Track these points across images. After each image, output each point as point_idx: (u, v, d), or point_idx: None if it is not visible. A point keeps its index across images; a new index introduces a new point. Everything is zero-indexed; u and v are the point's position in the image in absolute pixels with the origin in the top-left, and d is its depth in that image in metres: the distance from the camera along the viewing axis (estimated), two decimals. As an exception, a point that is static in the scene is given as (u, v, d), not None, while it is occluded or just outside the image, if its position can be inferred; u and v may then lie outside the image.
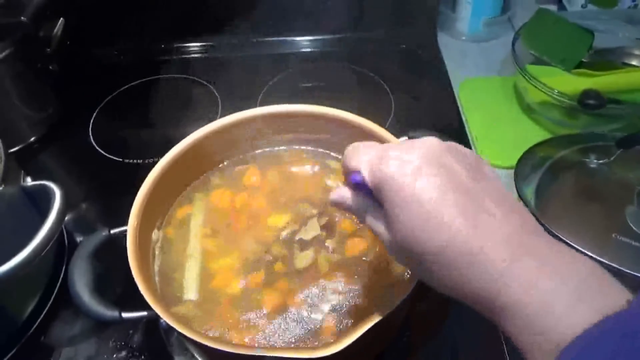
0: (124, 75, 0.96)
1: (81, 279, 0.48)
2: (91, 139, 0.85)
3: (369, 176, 0.35)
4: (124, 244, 0.49)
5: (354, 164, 0.37)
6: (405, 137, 0.60)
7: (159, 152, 0.58)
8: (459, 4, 0.98)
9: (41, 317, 0.61)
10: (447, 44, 1.00)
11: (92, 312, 0.48)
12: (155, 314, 0.44)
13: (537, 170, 0.64)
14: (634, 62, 0.82)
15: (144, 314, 0.47)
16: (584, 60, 0.80)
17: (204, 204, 0.60)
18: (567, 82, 0.77)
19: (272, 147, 0.65)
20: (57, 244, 0.67)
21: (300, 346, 0.47)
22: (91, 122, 0.88)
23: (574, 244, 0.53)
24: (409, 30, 0.99)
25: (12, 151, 0.81)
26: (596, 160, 0.63)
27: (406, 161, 0.33)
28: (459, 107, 0.87)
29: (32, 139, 0.85)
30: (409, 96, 0.88)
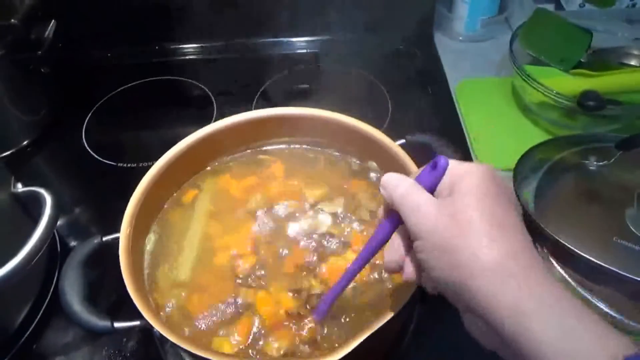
0: (118, 77, 0.95)
1: (72, 289, 0.48)
2: (84, 142, 0.84)
3: None
4: (117, 251, 0.48)
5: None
6: (402, 140, 0.59)
7: (153, 155, 0.58)
8: (455, 3, 0.97)
9: (33, 325, 0.60)
10: (444, 45, 1.00)
11: (83, 323, 0.47)
12: (148, 323, 0.43)
13: (536, 172, 0.63)
14: (633, 62, 0.81)
15: (137, 323, 0.46)
16: (582, 60, 0.80)
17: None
18: (566, 83, 0.76)
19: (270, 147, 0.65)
20: (50, 250, 0.66)
21: (297, 355, 0.46)
22: (84, 126, 0.87)
23: (574, 248, 0.53)
24: (406, 31, 0.98)
25: (3, 156, 0.80)
26: (596, 162, 0.62)
27: None
28: (456, 108, 0.86)
29: (24, 143, 0.83)
30: (406, 97, 0.87)
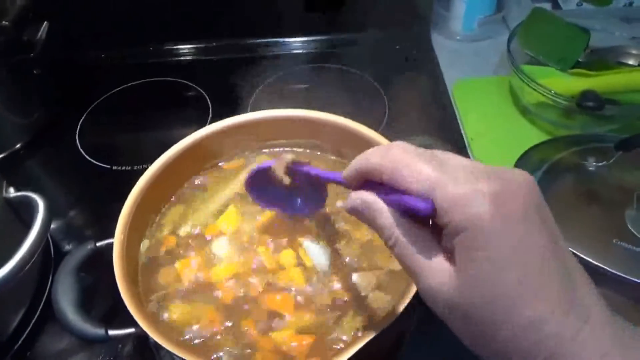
0: (112, 79, 0.94)
1: (65, 296, 0.47)
2: (78, 145, 0.83)
3: (449, 214, 0.28)
4: (111, 256, 0.47)
5: (408, 184, 0.29)
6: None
7: (149, 158, 0.57)
8: (452, 2, 0.97)
9: (27, 332, 0.59)
10: (441, 44, 0.99)
11: (77, 331, 0.46)
12: (143, 330, 0.42)
13: (535, 173, 0.63)
14: (631, 61, 0.81)
15: (132, 330, 0.45)
16: (579, 59, 0.79)
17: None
18: (564, 83, 0.76)
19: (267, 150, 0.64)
20: (43, 255, 0.65)
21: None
22: (78, 128, 0.86)
23: (573, 250, 0.52)
24: (403, 30, 0.97)
25: (-4, 159, 0.80)
26: (595, 162, 0.62)
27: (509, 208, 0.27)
28: (454, 108, 0.86)
29: (17, 146, 0.82)
30: (403, 97, 0.87)
